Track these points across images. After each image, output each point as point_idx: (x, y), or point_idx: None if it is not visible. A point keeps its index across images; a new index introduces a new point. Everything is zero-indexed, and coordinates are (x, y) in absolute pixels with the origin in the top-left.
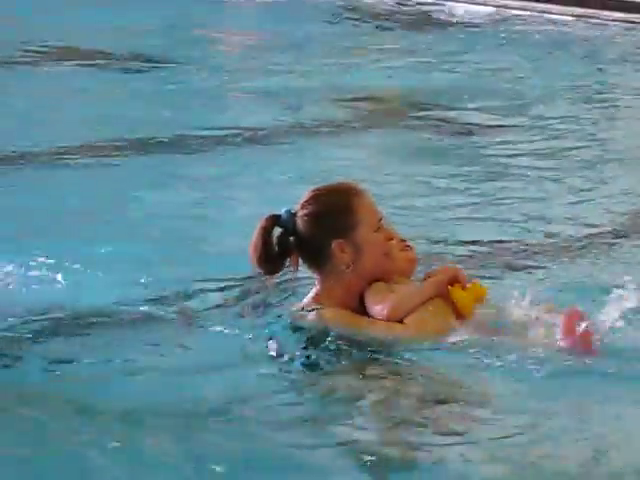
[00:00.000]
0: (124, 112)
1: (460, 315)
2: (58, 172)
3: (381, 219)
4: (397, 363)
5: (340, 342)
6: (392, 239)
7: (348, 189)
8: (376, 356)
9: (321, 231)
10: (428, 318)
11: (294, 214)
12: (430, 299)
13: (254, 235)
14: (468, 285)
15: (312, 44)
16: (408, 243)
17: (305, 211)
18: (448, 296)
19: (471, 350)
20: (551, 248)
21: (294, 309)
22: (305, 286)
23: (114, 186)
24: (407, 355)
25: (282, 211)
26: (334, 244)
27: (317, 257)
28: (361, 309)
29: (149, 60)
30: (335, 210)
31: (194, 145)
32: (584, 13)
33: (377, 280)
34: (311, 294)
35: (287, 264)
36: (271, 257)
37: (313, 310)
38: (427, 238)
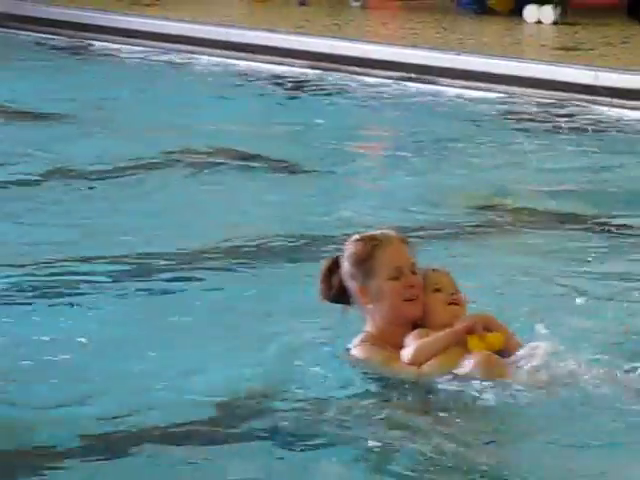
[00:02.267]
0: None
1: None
2: None
3: (402, 267)
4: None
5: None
6: (439, 290)
7: (373, 238)
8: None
9: (349, 274)
10: (440, 365)
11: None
12: (449, 347)
13: (320, 273)
14: (488, 334)
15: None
16: (457, 297)
17: (344, 254)
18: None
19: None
20: None
21: (351, 345)
22: None
23: None
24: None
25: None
26: (357, 289)
27: (353, 297)
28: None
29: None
30: (357, 257)
31: None
32: None
33: (417, 324)
34: (364, 330)
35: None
36: (332, 294)
37: (353, 347)
38: None
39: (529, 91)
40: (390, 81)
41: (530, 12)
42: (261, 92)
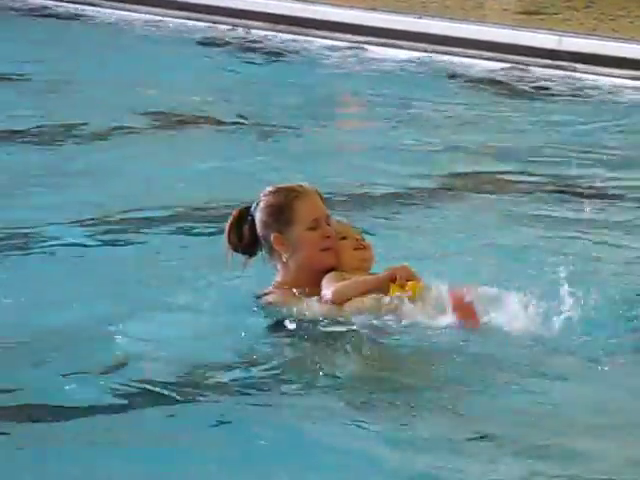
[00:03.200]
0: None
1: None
2: None
3: (320, 219)
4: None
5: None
6: (345, 238)
7: (292, 190)
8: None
9: (264, 224)
10: (361, 305)
11: (257, 206)
12: (371, 291)
13: (227, 224)
14: (408, 283)
15: None
16: (363, 243)
17: (259, 204)
18: (388, 290)
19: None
20: None
21: (260, 293)
22: None
23: None
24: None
25: (253, 204)
26: (273, 237)
27: (265, 247)
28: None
29: None
30: (276, 207)
31: None
32: None
33: (329, 271)
34: (274, 281)
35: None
36: (242, 244)
37: (265, 295)
38: None
39: (490, 54)
40: (348, 44)
41: None
42: (220, 54)
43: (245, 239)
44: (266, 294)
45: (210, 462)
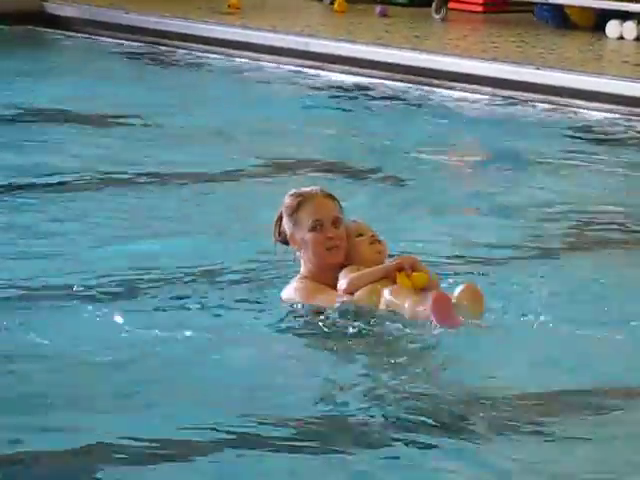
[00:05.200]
0: None
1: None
2: None
3: (322, 220)
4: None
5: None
6: (361, 234)
7: (300, 194)
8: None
9: (284, 223)
10: (370, 292)
11: None
12: (380, 280)
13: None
14: (414, 273)
15: None
16: (377, 238)
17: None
18: (395, 279)
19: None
20: None
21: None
22: None
23: None
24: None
25: None
26: (288, 234)
27: (288, 243)
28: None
29: None
30: (288, 209)
31: None
32: None
33: (343, 266)
34: (299, 273)
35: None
36: (279, 238)
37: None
38: None
39: (609, 107)
40: (469, 94)
41: (612, 27)
42: (340, 102)
43: (282, 234)
44: (290, 284)
45: None
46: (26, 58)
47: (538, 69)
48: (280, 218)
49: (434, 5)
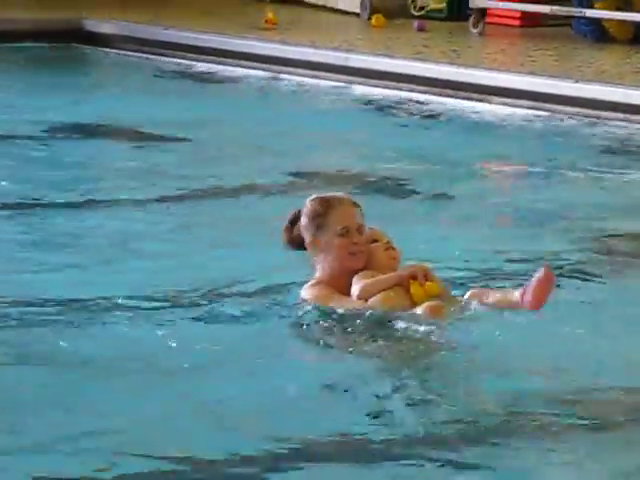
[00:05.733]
0: None
1: (414, 303)
2: None
3: (349, 227)
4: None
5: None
6: (376, 241)
7: (329, 199)
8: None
9: (304, 227)
10: (384, 299)
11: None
12: (393, 287)
13: (284, 223)
14: (427, 282)
15: None
16: (392, 245)
17: (303, 209)
18: (408, 287)
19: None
20: None
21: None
22: None
23: None
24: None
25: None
26: (310, 238)
27: (306, 247)
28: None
29: None
30: (314, 213)
31: None
32: None
33: (358, 271)
34: (314, 277)
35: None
36: (292, 242)
37: (304, 289)
38: None
39: None
40: (507, 107)
41: None
42: (378, 117)
43: (294, 237)
44: (304, 288)
45: None
46: (66, 75)
47: (576, 82)
48: (293, 223)
49: (471, 19)
